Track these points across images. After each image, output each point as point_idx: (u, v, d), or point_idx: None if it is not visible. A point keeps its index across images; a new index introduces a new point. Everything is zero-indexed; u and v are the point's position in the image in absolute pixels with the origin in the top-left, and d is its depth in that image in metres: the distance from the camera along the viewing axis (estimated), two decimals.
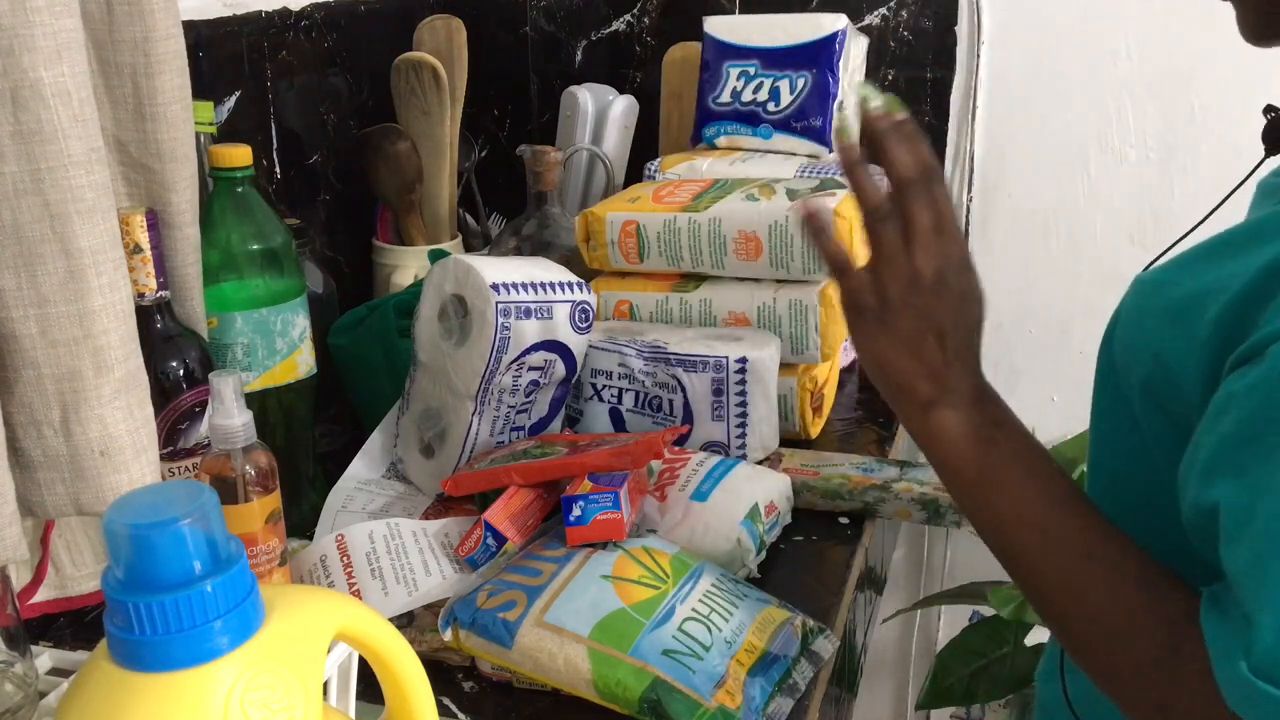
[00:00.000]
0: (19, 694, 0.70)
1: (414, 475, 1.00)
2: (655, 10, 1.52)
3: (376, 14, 1.28)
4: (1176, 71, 1.37)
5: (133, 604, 0.40)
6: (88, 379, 0.71)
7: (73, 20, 0.67)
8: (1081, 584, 0.60)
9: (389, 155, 1.24)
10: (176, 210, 0.82)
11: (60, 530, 0.82)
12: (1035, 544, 0.62)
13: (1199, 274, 0.62)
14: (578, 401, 1.05)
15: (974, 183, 1.48)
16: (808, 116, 1.30)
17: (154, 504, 0.42)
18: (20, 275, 0.69)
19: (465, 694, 0.76)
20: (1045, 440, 1.55)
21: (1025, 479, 0.63)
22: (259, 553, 0.75)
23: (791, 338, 1.06)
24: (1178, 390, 0.60)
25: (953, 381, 0.64)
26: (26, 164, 0.67)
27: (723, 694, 0.70)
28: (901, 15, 1.42)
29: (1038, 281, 1.50)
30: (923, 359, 0.63)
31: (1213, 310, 0.57)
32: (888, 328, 0.64)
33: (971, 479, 0.64)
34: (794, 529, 0.95)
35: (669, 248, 1.09)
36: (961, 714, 1.77)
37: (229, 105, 1.06)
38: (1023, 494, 0.63)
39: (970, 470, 0.64)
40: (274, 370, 0.92)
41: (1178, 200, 1.42)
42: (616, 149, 1.46)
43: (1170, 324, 0.61)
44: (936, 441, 0.64)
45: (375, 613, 0.49)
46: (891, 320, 0.63)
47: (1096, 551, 0.60)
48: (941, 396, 0.64)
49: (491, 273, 0.91)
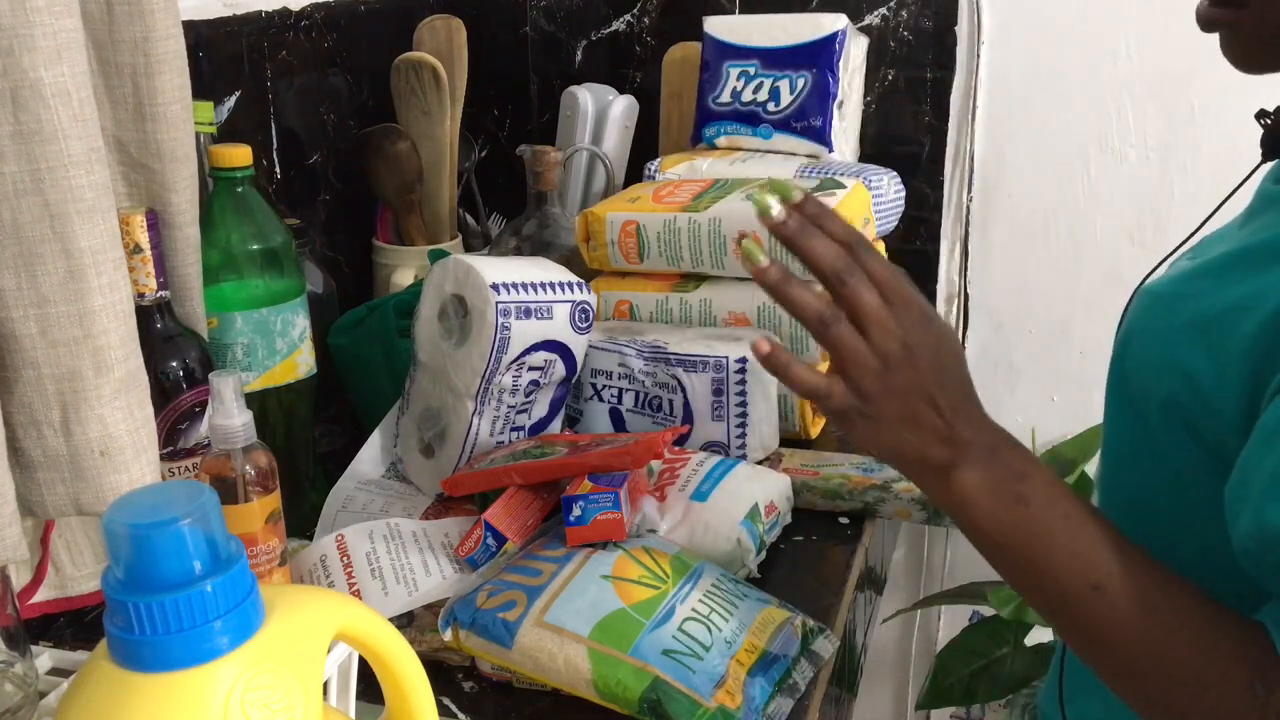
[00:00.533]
0: (19, 694, 0.70)
1: (414, 475, 1.00)
2: (655, 10, 1.52)
3: (376, 14, 1.28)
4: (1176, 71, 1.37)
5: (133, 604, 0.40)
6: (88, 379, 0.71)
7: (73, 20, 0.67)
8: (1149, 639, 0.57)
9: (389, 155, 1.24)
10: (176, 210, 0.82)
11: (60, 530, 0.82)
12: (1095, 603, 0.58)
13: (1220, 288, 0.61)
14: (578, 401, 1.05)
15: (974, 183, 1.48)
16: (808, 116, 1.30)
17: (154, 504, 0.42)
18: (20, 275, 0.69)
19: (465, 694, 0.76)
20: (1045, 440, 1.57)
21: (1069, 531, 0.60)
22: (259, 553, 0.75)
23: (791, 338, 1.06)
24: (1209, 409, 0.59)
25: (963, 437, 0.61)
26: (26, 164, 0.67)
27: (723, 694, 0.70)
28: (901, 15, 1.42)
29: (1038, 281, 1.50)
30: (924, 429, 0.61)
31: (1247, 326, 0.57)
32: (878, 419, 0.61)
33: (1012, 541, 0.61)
34: (794, 529, 0.95)
35: (669, 248, 1.09)
36: (961, 714, 1.77)
37: (229, 105, 1.06)
38: (1071, 548, 0.59)
39: (1008, 533, 0.61)
40: (274, 370, 0.92)
41: (1178, 200, 1.42)
42: (616, 149, 1.46)
43: (1196, 340, 0.60)
44: (967, 507, 0.61)
45: (375, 613, 0.49)
46: (878, 411, 0.61)
47: (1156, 600, 0.58)
48: (956, 457, 0.61)
49: (491, 273, 0.91)
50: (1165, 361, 0.63)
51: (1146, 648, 0.57)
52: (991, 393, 1.57)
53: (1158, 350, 0.64)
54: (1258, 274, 0.59)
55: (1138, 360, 0.67)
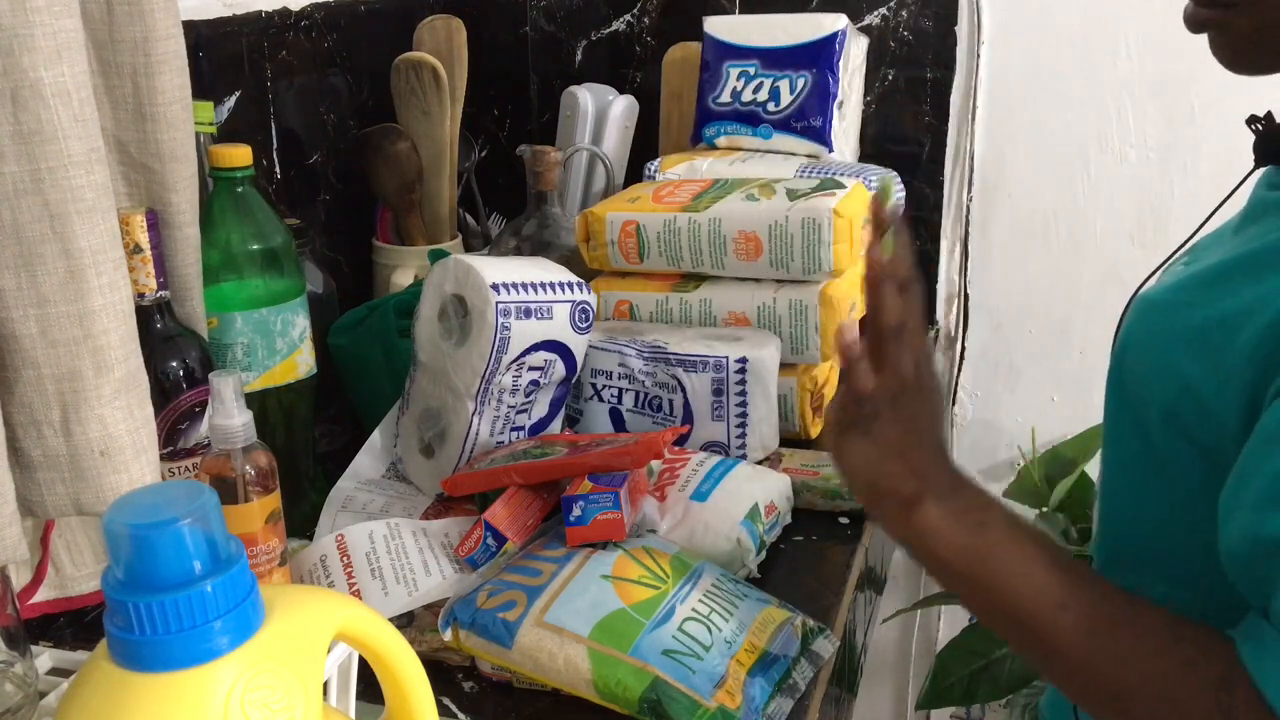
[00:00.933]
0: (19, 694, 0.70)
1: (414, 475, 1.00)
2: (655, 10, 1.52)
3: (376, 14, 1.28)
4: (1176, 71, 1.37)
5: (133, 604, 0.40)
6: (88, 379, 0.71)
7: (73, 20, 0.67)
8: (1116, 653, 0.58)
9: (389, 155, 1.24)
10: (176, 210, 0.82)
11: (60, 530, 0.82)
12: (1061, 622, 0.59)
13: (1217, 297, 0.61)
14: (578, 401, 1.05)
15: (974, 183, 1.48)
16: (808, 116, 1.30)
17: (154, 504, 0.42)
18: (20, 275, 0.69)
19: (465, 694, 0.76)
20: (1045, 440, 1.57)
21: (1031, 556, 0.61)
22: (259, 553, 0.75)
23: (791, 338, 1.06)
24: (1209, 418, 0.59)
25: (933, 475, 0.64)
26: (26, 164, 0.67)
27: (723, 694, 0.70)
28: (901, 15, 1.42)
29: (1038, 281, 1.50)
30: (906, 462, 0.64)
31: (1246, 335, 0.57)
32: (876, 440, 0.64)
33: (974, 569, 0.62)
34: (794, 529, 0.95)
35: (669, 248, 1.09)
36: (961, 714, 1.77)
37: (229, 105, 1.06)
38: (1033, 571, 0.60)
39: (969, 560, 0.62)
40: (274, 370, 0.92)
41: (1178, 200, 1.42)
42: (616, 149, 1.46)
43: (1195, 350, 0.60)
44: (930, 536, 0.63)
45: (375, 613, 0.49)
46: (879, 432, 0.64)
47: (1121, 616, 0.59)
48: (924, 490, 0.63)
49: (491, 273, 0.91)
50: (1163, 370, 0.63)
51: (1114, 664, 0.58)
52: (991, 393, 1.57)
53: (1155, 359, 0.64)
54: (1255, 282, 0.59)
55: (1136, 369, 0.67)
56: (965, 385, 1.57)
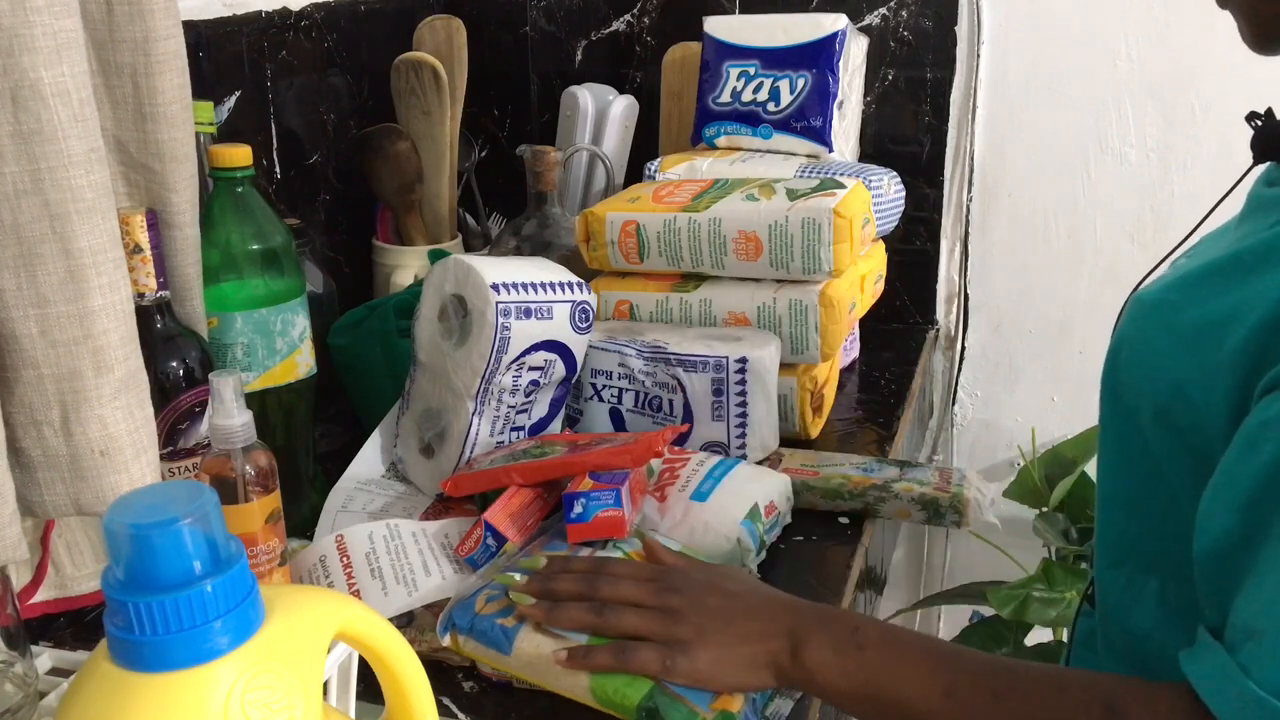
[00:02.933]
0: (19, 694, 0.70)
1: (414, 475, 1.00)
2: (655, 10, 1.52)
3: (376, 14, 1.28)
4: (1176, 71, 1.37)
5: (133, 604, 0.40)
6: (88, 379, 0.71)
7: (73, 20, 0.67)
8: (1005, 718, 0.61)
9: (389, 155, 1.24)
10: (176, 210, 0.82)
11: (60, 530, 0.82)
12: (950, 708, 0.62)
13: (1209, 297, 0.61)
14: (578, 401, 1.05)
15: (974, 183, 1.48)
16: (808, 116, 1.30)
17: (154, 504, 0.42)
18: (20, 275, 0.69)
19: (465, 694, 0.76)
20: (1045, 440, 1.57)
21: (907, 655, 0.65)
22: (259, 553, 0.75)
23: (791, 338, 1.06)
24: (1198, 418, 0.59)
25: (792, 624, 0.68)
26: (26, 164, 0.67)
27: (721, 701, 0.70)
28: (901, 15, 1.42)
29: (1038, 281, 1.50)
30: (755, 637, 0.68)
31: (1235, 336, 0.57)
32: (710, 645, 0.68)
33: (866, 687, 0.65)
34: (794, 529, 0.95)
35: (669, 248, 1.09)
36: None
37: (229, 105, 1.06)
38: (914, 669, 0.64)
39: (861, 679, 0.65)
40: (274, 370, 0.92)
41: (1178, 200, 1.42)
42: (616, 149, 1.46)
43: (1185, 350, 0.60)
44: (821, 673, 0.66)
45: (375, 613, 0.49)
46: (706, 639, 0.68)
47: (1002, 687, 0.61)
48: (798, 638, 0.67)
49: (491, 273, 0.91)
50: (1156, 371, 0.63)
51: None
52: (991, 393, 1.57)
53: (1148, 359, 0.64)
54: (1245, 282, 0.58)
55: (1129, 369, 0.67)
56: (965, 385, 1.57)
